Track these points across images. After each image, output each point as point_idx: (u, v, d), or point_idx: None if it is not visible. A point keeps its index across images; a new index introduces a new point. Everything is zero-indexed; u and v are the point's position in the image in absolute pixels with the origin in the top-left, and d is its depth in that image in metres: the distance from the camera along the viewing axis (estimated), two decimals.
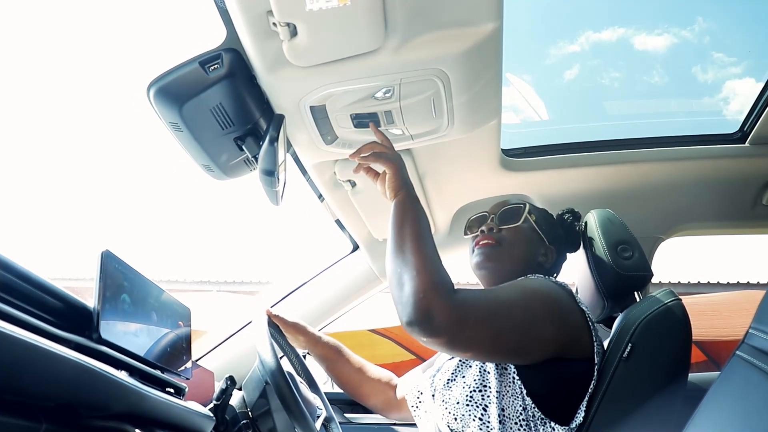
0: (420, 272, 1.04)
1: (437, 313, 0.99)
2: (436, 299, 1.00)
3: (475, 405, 1.13)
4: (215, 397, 1.30)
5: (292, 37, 1.01)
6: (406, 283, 1.04)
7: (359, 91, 1.21)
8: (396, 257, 1.11)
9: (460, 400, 1.15)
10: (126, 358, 0.93)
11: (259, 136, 1.25)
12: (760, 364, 0.77)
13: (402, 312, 1.03)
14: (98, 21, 39.35)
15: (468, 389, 1.15)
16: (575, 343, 1.15)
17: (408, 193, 1.21)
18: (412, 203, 1.20)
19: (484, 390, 1.14)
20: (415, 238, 1.11)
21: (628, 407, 1.12)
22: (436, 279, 1.04)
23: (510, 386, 1.13)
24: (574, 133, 1.84)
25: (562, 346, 1.13)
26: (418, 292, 1.01)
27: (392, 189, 1.24)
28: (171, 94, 1.10)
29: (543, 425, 1.11)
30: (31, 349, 0.64)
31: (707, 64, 3.93)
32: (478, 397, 1.14)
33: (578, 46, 5.44)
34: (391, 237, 1.15)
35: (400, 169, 1.25)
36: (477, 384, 1.15)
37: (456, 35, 1.09)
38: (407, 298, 1.02)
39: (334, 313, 2.08)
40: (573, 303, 1.19)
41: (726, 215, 1.86)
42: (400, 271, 1.07)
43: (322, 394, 1.59)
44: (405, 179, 1.24)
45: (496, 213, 1.42)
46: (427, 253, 1.09)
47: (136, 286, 1.03)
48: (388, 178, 1.25)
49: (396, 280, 1.07)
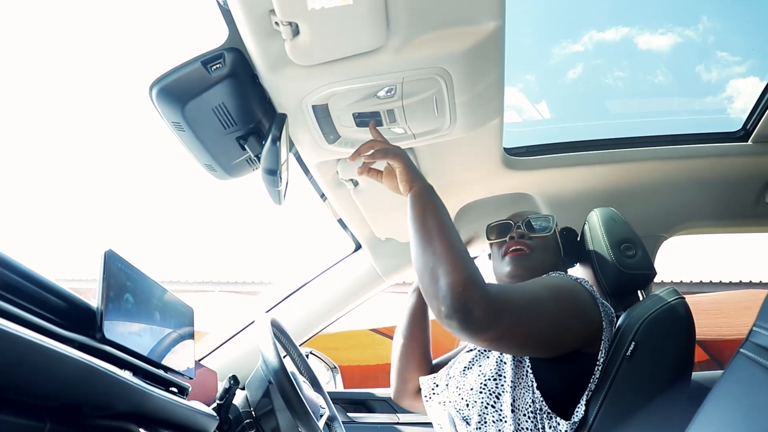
0: (454, 265, 1.03)
1: (475, 306, 0.99)
2: (475, 292, 1.00)
3: (488, 392, 1.15)
4: (218, 396, 1.31)
5: (294, 36, 1.01)
6: (442, 277, 1.03)
7: (361, 90, 1.20)
8: (425, 251, 1.09)
9: (474, 387, 1.17)
10: (129, 358, 0.93)
11: (261, 135, 1.25)
12: (764, 361, 0.77)
13: (440, 306, 1.02)
14: (101, 21, 39.44)
15: (483, 377, 1.17)
16: (593, 339, 1.16)
17: (423, 184, 1.20)
18: (430, 194, 1.18)
19: (499, 379, 1.15)
20: (441, 230, 1.10)
21: (632, 406, 1.11)
22: (471, 272, 1.03)
23: (523, 378, 1.14)
24: (577, 131, 1.84)
25: (583, 340, 1.15)
26: (456, 285, 1.00)
27: (406, 182, 1.22)
28: (173, 94, 1.10)
29: (549, 419, 1.12)
30: (35, 349, 0.65)
31: (711, 63, 3.93)
32: (492, 386, 1.15)
33: (582, 46, 5.44)
34: (415, 230, 1.14)
35: (408, 162, 1.24)
36: (493, 373, 1.16)
37: (458, 34, 1.09)
38: (445, 292, 1.01)
39: (336, 313, 2.08)
40: (593, 300, 1.20)
41: (729, 213, 1.86)
42: (433, 265, 1.06)
43: (325, 393, 1.60)
44: (416, 171, 1.23)
45: (522, 221, 1.43)
46: (457, 245, 1.08)
47: (140, 286, 1.03)
48: (399, 172, 1.23)
49: (429, 274, 1.06)
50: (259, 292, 7.88)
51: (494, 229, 1.47)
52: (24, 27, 35.36)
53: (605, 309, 1.21)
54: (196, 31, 1.14)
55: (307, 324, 2.07)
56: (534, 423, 1.11)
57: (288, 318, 2.01)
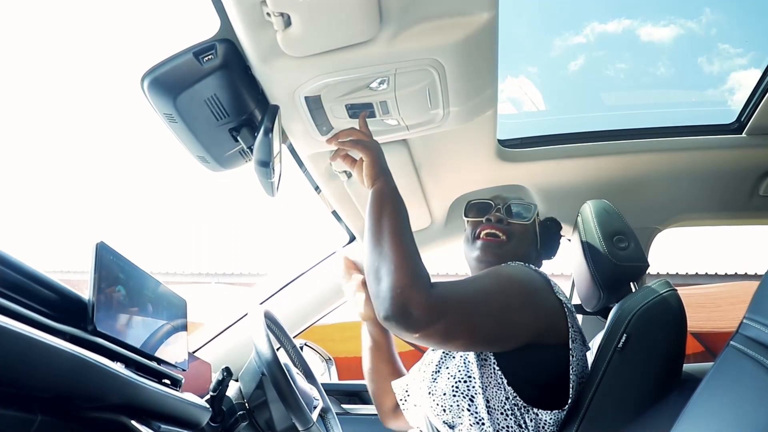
0: (398, 267, 1.03)
1: (414, 307, 0.99)
2: (413, 294, 0.99)
3: (461, 395, 1.13)
4: (212, 388, 1.31)
5: (286, 27, 1.01)
6: (384, 277, 1.03)
7: (354, 82, 1.20)
8: (374, 250, 1.09)
9: (446, 391, 1.15)
10: (121, 350, 0.93)
11: (254, 127, 1.24)
12: (753, 354, 0.77)
13: (379, 306, 1.02)
14: (92, 12, 39.05)
15: (453, 380, 1.15)
16: (551, 329, 1.15)
17: (386, 182, 1.19)
18: (390, 192, 1.17)
19: (469, 381, 1.14)
20: (393, 231, 1.09)
21: (623, 397, 1.12)
22: (413, 274, 1.03)
23: (492, 377, 1.13)
24: (574, 123, 1.84)
25: (538, 331, 1.13)
26: (395, 287, 1.00)
27: (369, 177, 1.21)
28: (165, 85, 1.09)
29: (527, 412, 1.11)
30: (26, 341, 0.65)
31: (713, 55, 3.93)
32: (464, 388, 1.14)
33: (584, 38, 5.43)
34: (368, 228, 1.13)
35: (378, 157, 1.22)
36: (462, 375, 1.15)
37: (451, 25, 1.09)
38: (384, 293, 1.01)
39: (330, 305, 2.08)
40: (548, 289, 1.19)
41: (723, 206, 1.86)
42: (378, 265, 1.06)
43: (318, 385, 1.60)
44: (383, 167, 1.22)
45: (503, 204, 1.40)
46: (405, 247, 1.07)
47: (132, 278, 1.03)
48: (365, 165, 1.22)
49: (373, 273, 1.06)
50: (254, 283, 7.89)
51: (473, 207, 1.44)
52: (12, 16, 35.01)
53: (563, 297, 1.20)
54: (187, 23, 1.13)
55: (302, 316, 2.07)
56: (515, 419, 1.11)
57: (282, 310, 2.01)
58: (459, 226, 1.90)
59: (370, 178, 1.21)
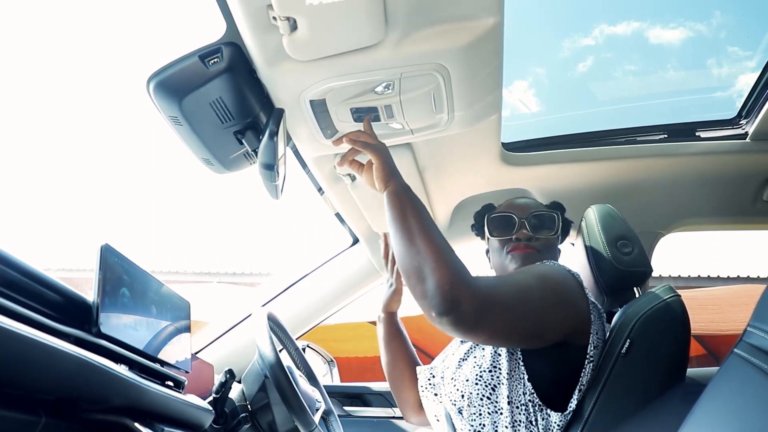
0: (440, 264, 1.02)
1: (465, 302, 0.98)
2: (463, 289, 0.99)
3: (483, 384, 1.15)
4: (214, 390, 1.31)
5: (292, 31, 1.01)
6: (428, 276, 1.01)
7: (359, 86, 1.20)
8: (409, 250, 1.08)
9: (469, 378, 1.17)
10: (125, 352, 0.93)
11: (259, 130, 1.24)
12: (757, 362, 0.77)
13: (429, 305, 1.01)
14: (99, 14, 39.24)
15: (479, 369, 1.17)
16: (580, 330, 1.16)
17: (400, 183, 1.19)
18: (407, 192, 1.17)
19: (494, 371, 1.15)
20: (423, 229, 1.09)
21: (627, 403, 1.12)
22: (457, 270, 1.02)
23: (516, 370, 1.15)
24: (579, 121, 1.83)
25: (570, 330, 1.15)
26: (443, 284, 0.99)
27: (381, 179, 1.21)
28: (171, 88, 1.10)
29: (540, 411, 1.13)
30: (30, 344, 0.65)
31: (722, 58, 3.92)
32: (488, 377, 1.15)
33: (592, 40, 5.42)
34: (395, 230, 1.13)
35: (387, 159, 1.23)
36: (488, 365, 1.17)
37: (457, 30, 1.09)
38: (433, 292, 1.00)
39: (333, 307, 2.09)
40: (581, 291, 1.20)
41: (726, 211, 1.86)
42: (418, 264, 1.04)
43: (321, 387, 1.60)
44: (393, 168, 1.22)
45: (527, 217, 1.41)
46: (440, 243, 1.07)
47: (136, 280, 1.03)
48: (376, 168, 1.22)
49: (415, 273, 1.05)
50: (257, 283, 7.90)
51: (496, 224, 1.45)
52: (21, 20, 35.22)
53: (593, 302, 1.21)
54: (193, 26, 1.13)
55: (305, 317, 2.08)
56: (527, 416, 1.12)
57: (285, 311, 2.02)
58: (462, 229, 1.90)
59: (382, 181, 1.21)
